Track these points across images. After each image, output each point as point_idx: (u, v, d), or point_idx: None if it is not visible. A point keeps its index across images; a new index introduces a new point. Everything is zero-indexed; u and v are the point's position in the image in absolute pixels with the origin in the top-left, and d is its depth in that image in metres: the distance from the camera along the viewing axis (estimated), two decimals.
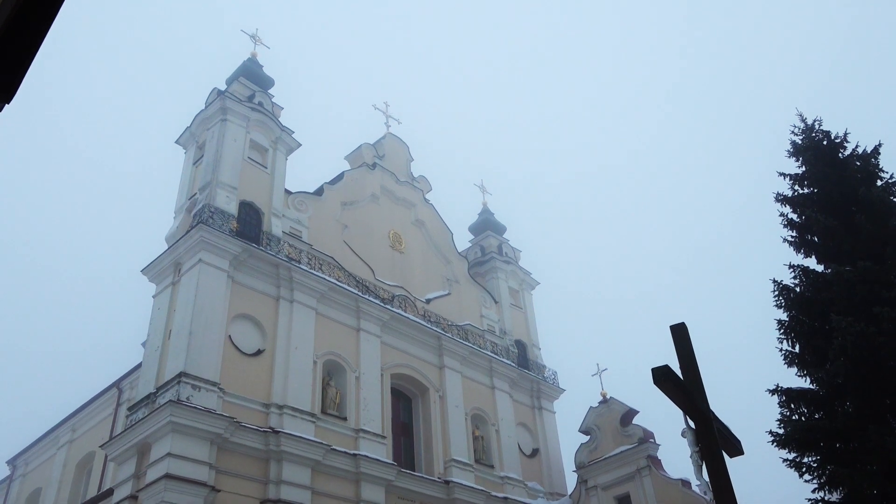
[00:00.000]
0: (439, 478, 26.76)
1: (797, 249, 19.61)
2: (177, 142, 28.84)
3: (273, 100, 29.52)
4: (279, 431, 21.95)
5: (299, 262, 26.02)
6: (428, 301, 31.33)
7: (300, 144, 29.24)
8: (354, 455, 23.78)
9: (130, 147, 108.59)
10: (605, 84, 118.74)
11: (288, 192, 27.96)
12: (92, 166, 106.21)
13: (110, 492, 21.39)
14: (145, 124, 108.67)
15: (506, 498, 28.29)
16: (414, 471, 26.70)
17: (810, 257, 19.46)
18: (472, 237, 39.87)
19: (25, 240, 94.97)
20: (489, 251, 38.00)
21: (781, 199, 20.04)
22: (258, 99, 28.65)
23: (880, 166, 19.56)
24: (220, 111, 27.04)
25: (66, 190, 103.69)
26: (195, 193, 25.94)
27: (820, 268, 18.89)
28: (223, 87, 29.04)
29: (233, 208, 25.05)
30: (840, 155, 19.93)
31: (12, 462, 35.36)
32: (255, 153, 27.48)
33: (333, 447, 23.29)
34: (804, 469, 16.71)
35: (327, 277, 26.62)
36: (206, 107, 28.02)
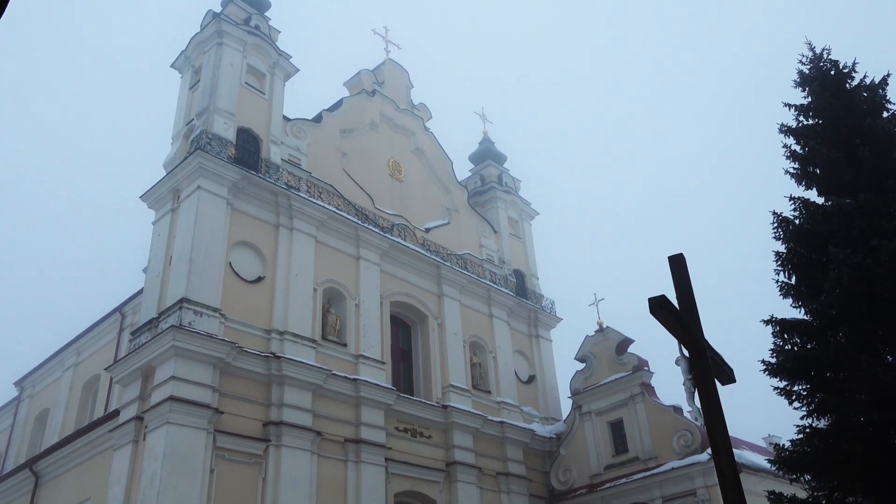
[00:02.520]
0: (437, 402, 27.41)
1: (798, 181, 19.45)
2: (172, 66, 28.27)
3: (270, 23, 28.78)
4: (280, 357, 22.35)
5: (298, 190, 25.94)
6: (427, 230, 31.38)
7: (298, 70, 28.70)
8: (354, 380, 24.29)
9: (128, 70, 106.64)
10: (607, 12, 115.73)
11: (286, 119, 27.61)
12: (89, 90, 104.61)
13: (116, 413, 21.93)
14: (142, 45, 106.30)
15: (502, 422, 29.05)
16: (413, 396, 27.33)
17: (811, 189, 19.35)
18: (472, 166, 39.59)
19: (27, 163, 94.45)
20: (489, 181, 37.81)
21: (785, 130, 19.76)
22: (254, 22, 27.94)
23: (887, 97, 19.21)
24: (215, 34, 26.41)
25: (65, 115, 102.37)
26: (192, 119, 25.62)
27: (820, 200, 18.79)
28: (218, 8, 28.25)
29: (230, 135, 24.79)
30: (847, 85, 19.55)
31: (20, 384, 36.11)
32: (252, 78, 27.00)
33: (334, 372, 23.76)
34: (794, 397, 17.05)
35: (327, 206, 26.58)
36: (201, 29, 27.37)
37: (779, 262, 18.31)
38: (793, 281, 18.18)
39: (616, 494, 27.25)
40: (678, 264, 8.58)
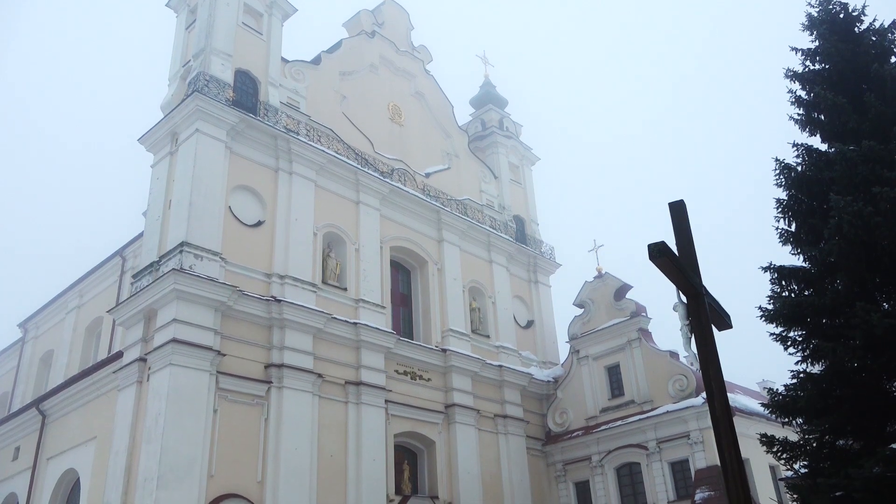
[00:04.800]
0: (437, 346, 27.74)
1: (803, 128, 19.20)
2: (167, 5, 27.65)
3: None
4: (281, 300, 22.52)
5: (298, 134, 25.71)
6: (427, 175, 31.24)
7: (296, 10, 28.10)
8: (355, 324, 24.53)
9: (124, 10, 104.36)
10: None
11: (285, 61, 27.18)
12: (86, 30, 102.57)
13: (120, 354, 22.22)
14: None
15: (500, 366, 29.46)
16: (412, 339, 27.65)
17: (815, 136, 19.12)
18: (473, 111, 39.17)
19: (26, 104, 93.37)
20: (490, 125, 37.45)
21: (791, 75, 19.41)
22: None
23: None
24: None
25: (63, 56, 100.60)
26: (189, 61, 25.20)
27: (824, 147, 18.60)
28: None
29: (228, 77, 24.43)
30: (856, 29, 19.13)
31: (23, 325, 36.45)
32: (249, 18, 26.45)
33: (334, 316, 23.99)
34: (789, 342, 17.20)
35: (326, 150, 26.39)
36: None
37: (779, 209, 18.24)
38: (793, 228, 18.15)
39: (611, 436, 27.84)
40: (678, 211, 8.56)
